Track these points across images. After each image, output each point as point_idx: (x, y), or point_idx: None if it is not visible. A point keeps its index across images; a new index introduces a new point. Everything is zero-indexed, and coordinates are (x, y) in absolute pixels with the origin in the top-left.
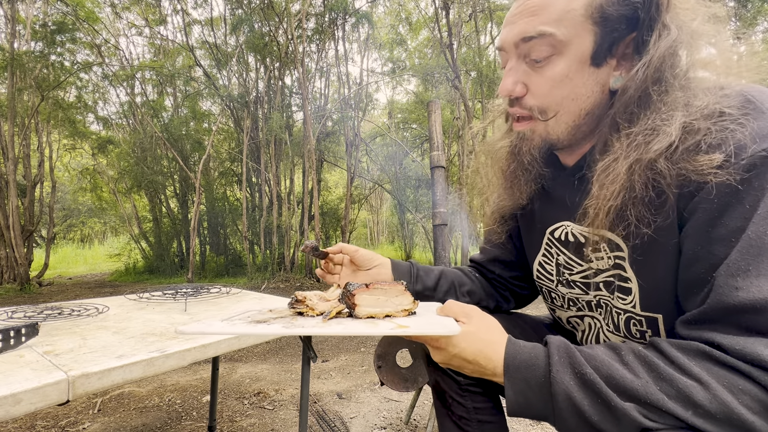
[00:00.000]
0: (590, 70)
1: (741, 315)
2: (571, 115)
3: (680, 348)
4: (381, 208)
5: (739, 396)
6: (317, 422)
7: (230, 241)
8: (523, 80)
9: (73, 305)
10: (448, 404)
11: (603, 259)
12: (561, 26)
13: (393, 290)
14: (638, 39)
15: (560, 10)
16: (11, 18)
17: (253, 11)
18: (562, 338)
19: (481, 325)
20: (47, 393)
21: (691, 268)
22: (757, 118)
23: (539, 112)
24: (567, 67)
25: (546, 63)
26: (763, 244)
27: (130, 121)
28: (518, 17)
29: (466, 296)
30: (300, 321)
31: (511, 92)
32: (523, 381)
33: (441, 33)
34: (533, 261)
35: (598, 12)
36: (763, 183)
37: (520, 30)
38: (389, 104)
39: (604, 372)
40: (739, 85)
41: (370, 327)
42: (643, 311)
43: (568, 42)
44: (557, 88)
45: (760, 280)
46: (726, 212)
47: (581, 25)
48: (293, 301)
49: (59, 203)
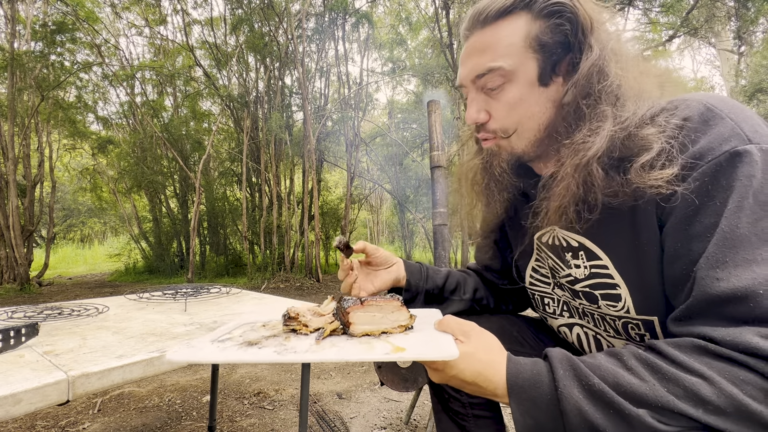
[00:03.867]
0: (539, 90)
1: (725, 305)
2: (531, 130)
3: (677, 346)
4: (381, 208)
5: (743, 387)
6: (317, 422)
7: (230, 241)
8: (485, 108)
9: (73, 305)
10: (445, 399)
11: (580, 268)
12: (506, 59)
13: (389, 306)
14: (573, 59)
15: (503, 46)
16: (11, 18)
17: (253, 11)
18: (562, 350)
19: (479, 344)
20: (47, 393)
21: (674, 265)
22: (718, 123)
23: (502, 132)
24: (518, 91)
25: (500, 90)
26: (736, 236)
27: (130, 121)
28: (469, 58)
29: (471, 293)
30: (293, 342)
31: (476, 120)
32: (530, 401)
33: (441, 33)
34: (525, 268)
35: (535, 41)
36: (730, 181)
37: (472, 68)
38: (389, 104)
39: (611, 380)
40: (697, 95)
41: (365, 351)
42: (639, 315)
43: (515, 70)
44: (514, 110)
45: (737, 270)
46: (700, 210)
47: (523, 54)
48: (286, 317)
49: (59, 203)
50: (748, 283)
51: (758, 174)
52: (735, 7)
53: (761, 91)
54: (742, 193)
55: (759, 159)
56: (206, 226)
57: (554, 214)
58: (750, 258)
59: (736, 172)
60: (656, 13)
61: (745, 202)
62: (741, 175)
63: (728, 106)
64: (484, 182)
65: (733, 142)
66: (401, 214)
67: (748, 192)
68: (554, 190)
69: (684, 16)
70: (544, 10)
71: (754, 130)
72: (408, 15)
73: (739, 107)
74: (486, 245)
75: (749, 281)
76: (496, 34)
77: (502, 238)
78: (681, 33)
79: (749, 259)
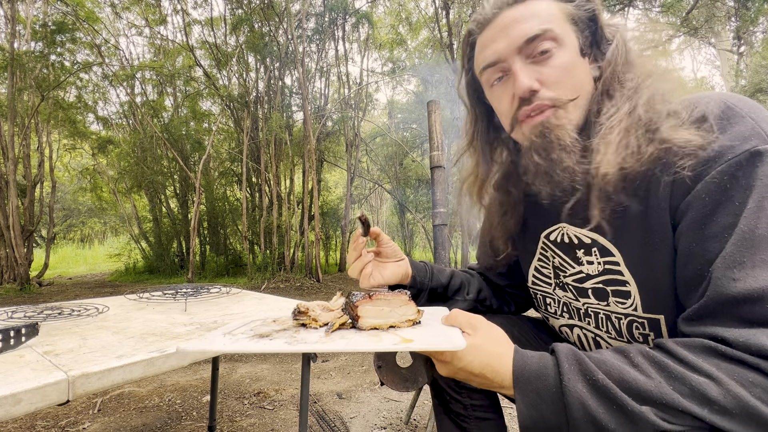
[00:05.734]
0: (583, 61)
1: (741, 306)
2: (585, 98)
3: (686, 346)
4: (381, 208)
5: (751, 389)
6: (317, 422)
7: (230, 241)
8: (535, 76)
9: (73, 305)
10: (446, 401)
11: (593, 264)
12: (554, 24)
13: (396, 300)
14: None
15: (547, 14)
16: (11, 18)
17: (253, 11)
18: (569, 345)
19: (487, 337)
20: (47, 393)
21: (688, 265)
22: (738, 122)
23: (558, 100)
24: (570, 57)
25: (551, 56)
26: (755, 237)
27: (130, 121)
28: (510, 28)
29: (475, 294)
30: (303, 335)
31: (530, 87)
32: (535, 393)
33: (441, 33)
34: (528, 268)
35: (571, 17)
36: (749, 180)
37: (521, 33)
38: (389, 104)
39: (616, 376)
40: (716, 94)
41: (373, 342)
42: (646, 313)
43: (564, 36)
44: (568, 76)
45: (755, 271)
46: (717, 210)
47: (565, 24)
48: (296, 312)
49: (59, 203)
50: (765, 284)
51: None
52: (735, 7)
53: (761, 91)
54: (762, 193)
55: None
56: (206, 226)
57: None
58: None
59: (756, 172)
60: (656, 13)
61: (765, 203)
62: (761, 175)
63: (748, 105)
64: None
65: (754, 141)
66: (401, 214)
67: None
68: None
69: (684, 16)
70: None
71: None
72: (408, 15)
73: (759, 107)
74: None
75: (767, 282)
76: (533, 7)
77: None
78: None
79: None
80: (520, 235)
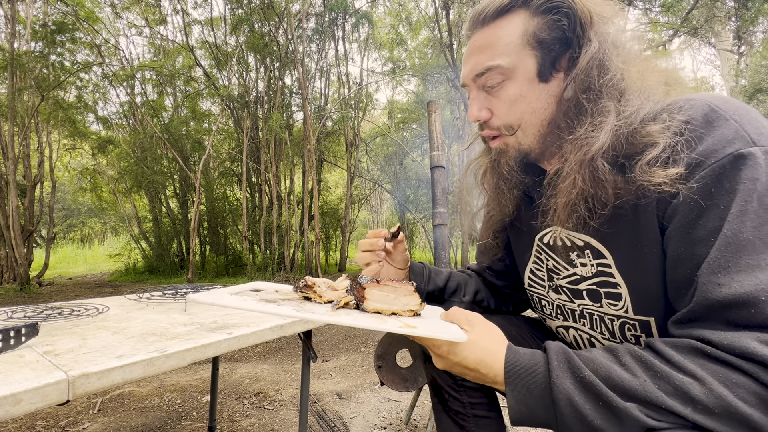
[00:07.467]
0: (540, 86)
1: (726, 310)
2: (534, 126)
3: (674, 346)
4: (381, 208)
5: (734, 389)
6: (317, 422)
7: (230, 241)
8: (486, 106)
9: (73, 305)
10: (445, 400)
11: (587, 266)
12: (504, 57)
13: (402, 289)
14: (573, 54)
15: (501, 44)
16: (11, 18)
17: (253, 11)
18: (561, 343)
19: (483, 333)
20: (47, 393)
21: (677, 269)
22: (722, 125)
23: (506, 129)
24: (519, 88)
25: (500, 88)
26: (739, 241)
27: (130, 121)
28: (470, 57)
29: (471, 296)
30: (309, 306)
31: (477, 117)
32: (524, 388)
33: (441, 33)
34: (524, 269)
35: (533, 38)
36: (733, 184)
37: (472, 68)
38: (389, 104)
39: (603, 374)
40: (701, 96)
41: (378, 322)
42: (636, 315)
43: (514, 67)
44: (514, 106)
45: (740, 275)
46: (703, 214)
47: (521, 51)
48: (302, 285)
49: (59, 203)
50: (750, 289)
51: (762, 177)
52: (735, 7)
53: (761, 91)
54: (745, 197)
55: (763, 162)
56: (206, 226)
57: (563, 211)
58: (753, 263)
59: (739, 175)
60: (656, 13)
61: (749, 206)
62: (745, 178)
63: (733, 107)
64: (493, 181)
65: (737, 144)
66: (401, 214)
67: (752, 195)
68: (560, 187)
69: (684, 16)
70: (541, 7)
71: (759, 132)
72: (408, 15)
73: (744, 108)
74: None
75: (751, 287)
76: (494, 33)
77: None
78: (681, 33)
79: (752, 264)
80: (516, 238)
